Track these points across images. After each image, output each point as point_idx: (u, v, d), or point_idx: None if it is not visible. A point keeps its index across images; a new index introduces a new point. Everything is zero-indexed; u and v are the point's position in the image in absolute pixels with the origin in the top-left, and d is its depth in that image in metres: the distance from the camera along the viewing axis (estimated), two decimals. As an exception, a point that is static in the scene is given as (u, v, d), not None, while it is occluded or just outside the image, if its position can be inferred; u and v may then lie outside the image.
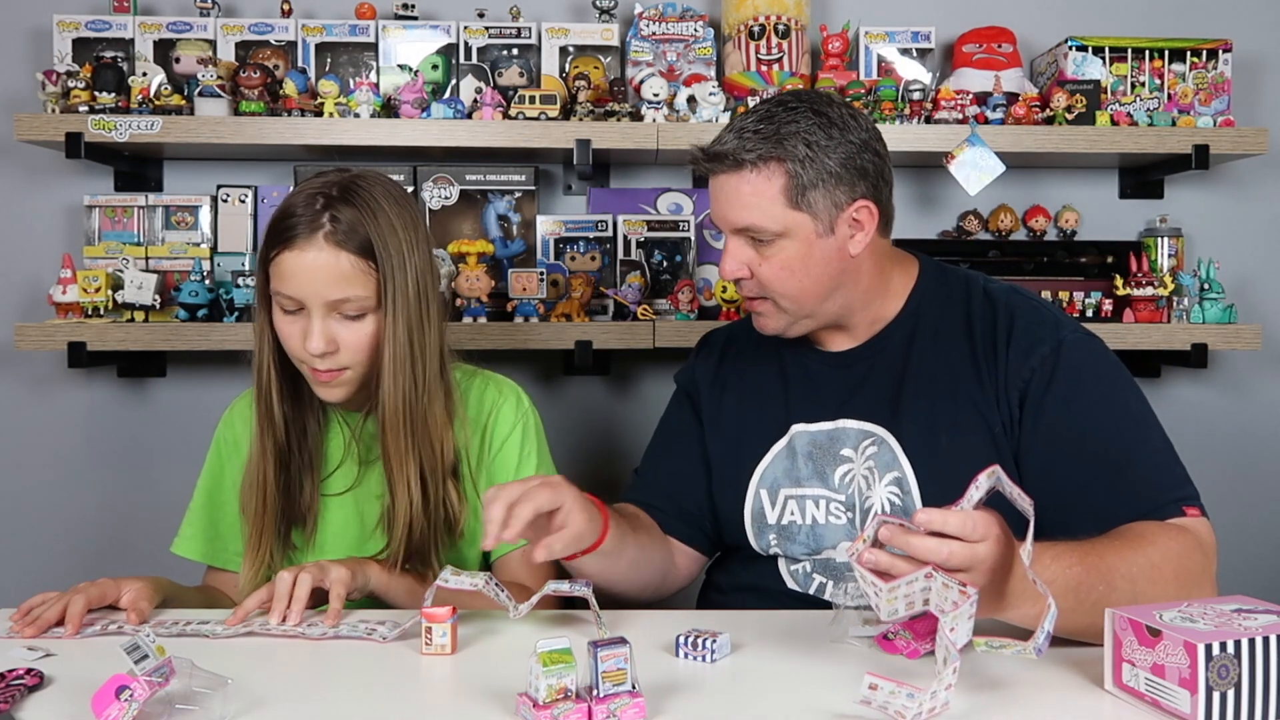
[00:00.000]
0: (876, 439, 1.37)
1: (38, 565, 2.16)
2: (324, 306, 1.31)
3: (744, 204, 1.32)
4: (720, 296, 2.04)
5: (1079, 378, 1.32)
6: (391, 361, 1.34)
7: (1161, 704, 0.96)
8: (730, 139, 1.33)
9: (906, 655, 1.10)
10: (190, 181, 2.16)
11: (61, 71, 1.94)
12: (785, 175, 1.31)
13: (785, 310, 1.37)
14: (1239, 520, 2.29)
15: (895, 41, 2.10)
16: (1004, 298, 1.40)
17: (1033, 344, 1.33)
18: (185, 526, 1.52)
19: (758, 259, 1.34)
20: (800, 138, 1.31)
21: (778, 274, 1.34)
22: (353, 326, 1.33)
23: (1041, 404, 1.31)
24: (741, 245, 1.35)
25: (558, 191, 2.22)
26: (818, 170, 1.31)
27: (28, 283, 2.14)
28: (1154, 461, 1.30)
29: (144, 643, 0.97)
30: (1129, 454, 1.29)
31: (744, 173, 1.32)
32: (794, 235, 1.33)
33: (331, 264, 1.29)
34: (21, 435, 2.18)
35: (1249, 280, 2.27)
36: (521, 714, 0.96)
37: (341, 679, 1.08)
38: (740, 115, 1.37)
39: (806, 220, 1.32)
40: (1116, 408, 1.32)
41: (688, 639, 1.13)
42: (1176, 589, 1.14)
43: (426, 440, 1.37)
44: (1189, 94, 2.08)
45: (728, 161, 1.32)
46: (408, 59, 2.06)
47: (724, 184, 1.34)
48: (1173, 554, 1.18)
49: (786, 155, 1.30)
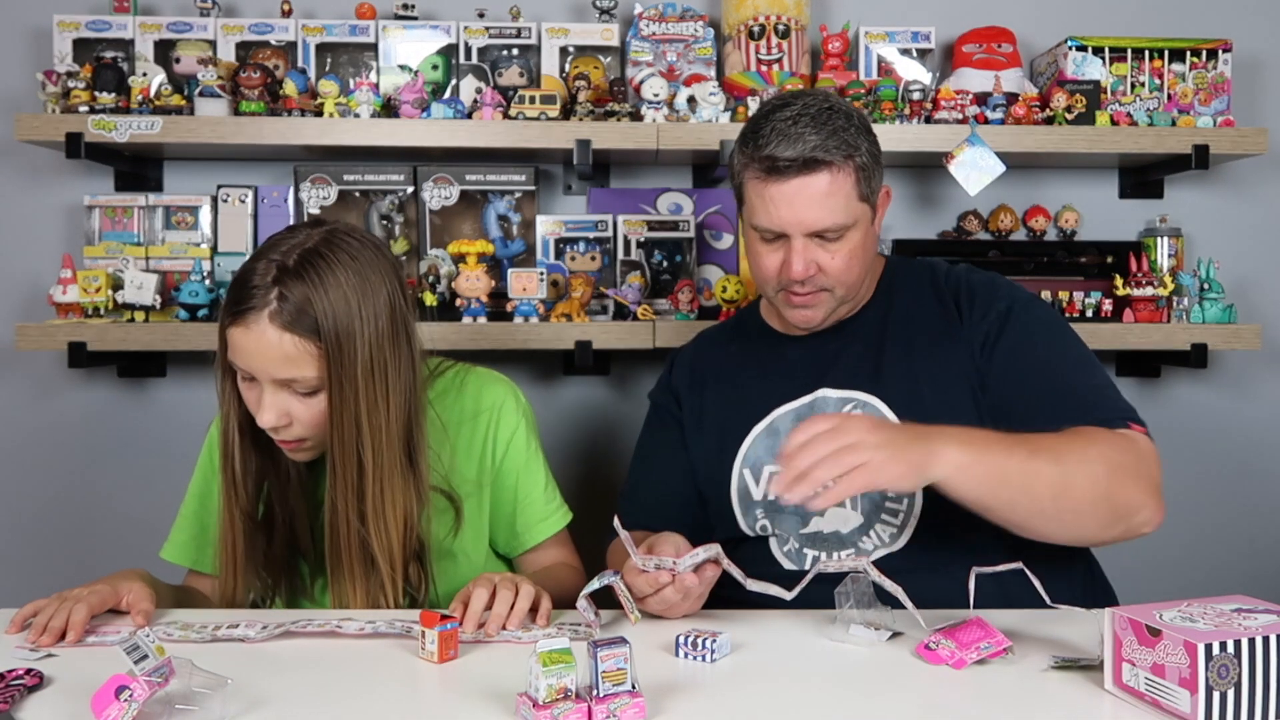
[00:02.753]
0: (859, 402, 1.43)
1: (38, 565, 2.16)
2: (274, 383, 1.28)
3: (827, 205, 1.38)
4: (720, 296, 2.04)
5: (1028, 327, 1.42)
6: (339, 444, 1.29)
7: (1161, 704, 0.96)
8: (804, 144, 1.36)
9: (952, 665, 1.09)
10: (190, 181, 2.16)
11: (61, 71, 1.94)
12: (856, 170, 1.39)
13: (837, 297, 1.44)
14: (1239, 520, 2.30)
15: (895, 41, 2.10)
16: (963, 273, 1.51)
17: (990, 303, 1.44)
18: (175, 532, 1.52)
19: (825, 255, 1.41)
20: (853, 133, 1.39)
21: (847, 265, 1.42)
22: (307, 402, 1.29)
23: (995, 350, 1.41)
24: (810, 245, 1.40)
25: (558, 191, 2.22)
26: (872, 162, 1.42)
27: (28, 283, 2.14)
28: (1099, 392, 1.38)
29: (144, 643, 0.97)
30: (1074, 384, 1.37)
31: (825, 173, 1.37)
32: (859, 225, 1.42)
33: (276, 345, 1.25)
34: (21, 435, 2.18)
35: (1249, 280, 2.27)
36: (521, 714, 0.96)
37: (341, 679, 1.08)
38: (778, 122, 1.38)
39: (868, 210, 1.43)
40: (1060, 349, 1.42)
41: (688, 639, 1.13)
42: (1106, 470, 1.22)
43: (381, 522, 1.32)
44: (1189, 94, 2.08)
45: (812, 165, 1.37)
46: (408, 59, 2.06)
47: (801, 188, 1.38)
48: (1101, 440, 1.26)
49: (854, 151, 1.39)
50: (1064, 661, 1.10)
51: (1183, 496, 2.29)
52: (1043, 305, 1.48)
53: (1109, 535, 1.27)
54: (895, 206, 2.23)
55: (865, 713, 1.00)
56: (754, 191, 1.41)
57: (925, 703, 1.03)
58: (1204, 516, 2.29)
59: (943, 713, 1.00)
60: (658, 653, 1.14)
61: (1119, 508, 1.24)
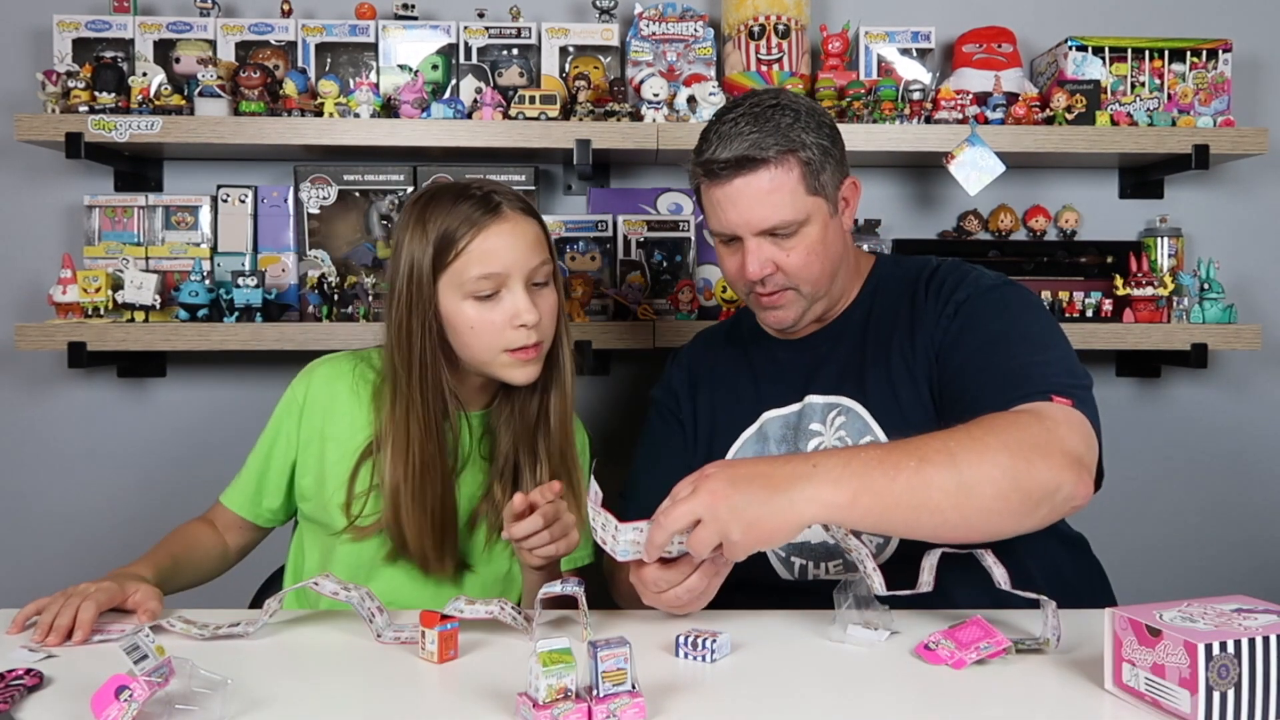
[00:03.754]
0: (842, 409, 1.42)
1: (38, 565, 2.16)
2: (525, 276, 1.37)
3: (770, 201, 1.37)
4: (720, 296, 2.04)
5: (979, 311, 1.37)
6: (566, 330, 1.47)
7: (1161, 704, 0.95)
8: (740, 143, 1.35)
9: (952, 665, 1.09)
10: (190, 181, 2.16)
11: (61, 71, 1.94)
12: (800, 164, 1.37)
13: (805, 296, 1.43)
14: (1239, 520, 2.30)
15: (895, 41, 2.10)
16: (944, 268, 1.46)
17: (950, 295, 1.40)
18: (240, 482, 1.53)
19: (781, 253, 1.39)
20: (798, 128, 1.37)
21: (805, 261, 1.40)
22: (545, 294, 1.40)
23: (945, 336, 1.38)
24: (763, 244, 1.39)
25: (558, 191, 2.22)
26: (821, 154, 1.39)
27: (28, 283, 2.14)
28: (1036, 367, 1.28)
29: (143, 643, 0.97)
30: (1012, 361, 1.30)
31: (764, 170, 1.36)
32: (813, 220, 1.39)
33: (529, 230, 1.39)
34: (21, 435, 2.18)
35: (1249, 280, 2.27)
36: (521, 714, 0.96)
37: (341, 679, 1.08)
38: (721, 125, 1.38)
39: (821, 204, 1.40)
40: (1008, 328, 1.35)
41: (688, 639, 1.13)
42: (1008, 457, 1.12)
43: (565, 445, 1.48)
44: (1189, 94, 2.08)
45: (748, 164, 1.35)
46: (408, 59, 2.06)
47: (743, 187, 1.37)
48: (1000, 426, 1.17)
49: (797, 145, 1.36)
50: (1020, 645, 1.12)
51: (1183, 496, 2.29)
52: (1010, 289, 1.41)
53: (1032, 522, 1.16)
54: (895, 206, 2.23)
55: (865, 713, 1.00)
56: (705, 196, 1.42)
57: (925, 703, 1.03)
58: (1204, 516, 2.29)
59: (942, 713, 1.00)
60: (658, 653, 1.14)
61: (1032, 492, 1.13)
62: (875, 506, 1.09)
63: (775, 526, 1.08)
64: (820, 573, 1.40)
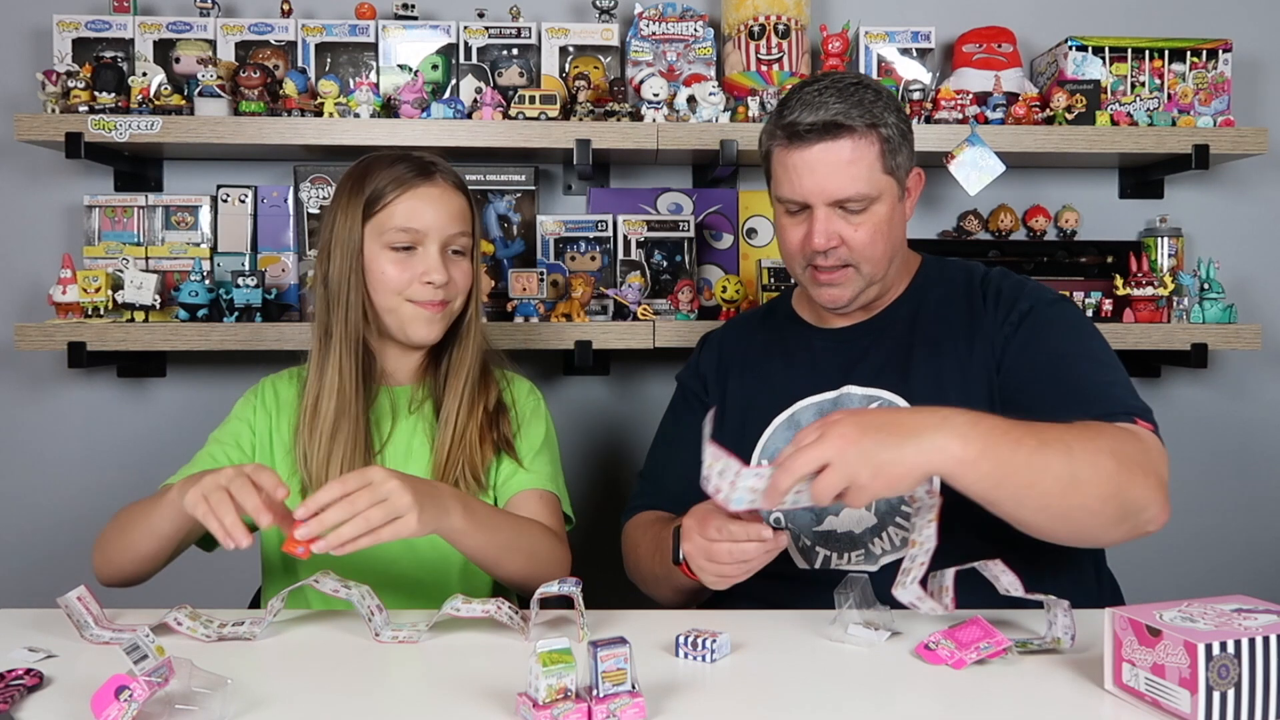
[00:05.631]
0: (883, 402, 1.41)
1: (38, 565, 2.16)
2: (441, 240, 1.44)
3: (849, 172, 1.38)
4: (720, 296, 2.04)
5: (1045, 324, 1.40)
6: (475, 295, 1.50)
7: (1161, 704, 0.95)
8: (826, 111, 1.36)
9: (952, 665, 1.09)
10: (190, 181, 2.16)
11: (61, 71, 1.94)
12: (880, 141, 1.39)
13: (863, 276, 1.43)
14: (1239, 520, 2.30)
15: (895, 41, 2.10)
16: (997, 276, 1.49)
17: (1013, 303, 1.42)
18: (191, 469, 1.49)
19: (849, 228, 1.41)
20: (880, 106, 1.39)
21: (871, 239, 1.41)
22: (459, 263, 1.47)
23: (1009, 346, 1.39)
24: (832, 216, 1.40)
25: (558, 191, 2.22)
26: (900, 136, 1.41)
27: (28, 283, 2.14)
28: (1109, 388, 1.33)
29: (144, 643, 0.97)
30: (1083, 379, 1.34)
31: (847, 140, 1.37)
32: (884, 199, 1.41)
33: (454, 201, 1.46)
34: (21, 435, 2.18)
35: (1249, 280, 2.27)
36: (521, 714, 0.96)
37: (341, 679, 1.08)
38: (804, 93, 1.40)
39: (893, 184, 1.42)
40: (1075, 346, 1.39)
41: (687, 639, 1.13)
42: (1116, 464, 1.15)
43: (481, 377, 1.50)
44: (1189, 94, 2.08)
45: (833, 130, 1.37)
46: (408, 59, 2.06)
47: (823, 154, 1.38)
48: (1108, 433, 1.20)
49: (879, 121, 1.39)
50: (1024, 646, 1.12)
51: (1183, 496, 2.28)
52: (1068, 306, 1.45)
53: (1115, 534, 1.20)
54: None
55: (865, 712, 1.00)
56: (778, 161, 1.42)
57: (925, 703, 1.03)
58: (1204, 516, 2.29)
59: (942, 713, 1.00)
60: (658, 653, 1.14)
61: (1127, 504, 1.17)
62: (994, 472, 1.10)
63: (903, 472, 1.09)
64: (843, 563, 1.40)
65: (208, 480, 1.16)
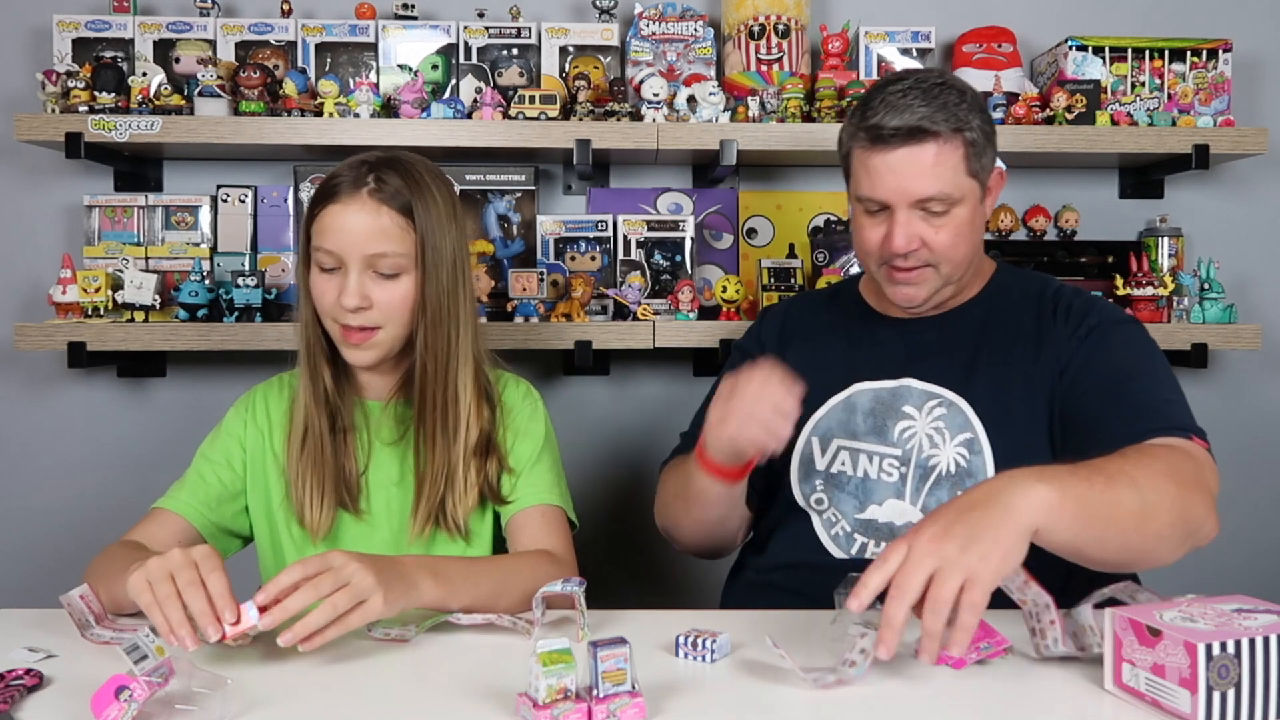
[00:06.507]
0: (944, 401, 1.42)
1: (38, 565, 2.16)
2: (361, 261, 1.34)
3: (933, 174, 1.37)
4: (720, 296, 2.04)
5: (1109, 340, 1.41)
6: (424, 322, 1.37)
7: (1161, 704, 0.95)
8: (911, 114, 1.36)
9: (952, 665, 1.09)
10: (190, 181, 2.16)
11: (61, 71, 1.94)
12: (965, 144, 1.38)
13: (941, 276, 1.43)
14: (1239, 520, 2.30)
15: (895, 41, 2.10)
16: (1069, 292, 1.49)
17: (1082, 317, 1.43)
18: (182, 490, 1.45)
19: (930, 229, 1.40)
20: (964, 107, 1.38)
21: (952, 241, 1.40)
22: (388, 286, 1.35)
23: (1074, 357, 1.40)
24: (913, 218, 1.40)
25: (558, 191, 2.22)
26: (984, 138, 1.41)
27: (28, 283, 2.14)
28: (1166, 404, 1.34)
29: (144, 643, 0.97)
30: (1142, 394, 1.34)
31: (932, 144, 1.37)
32: (966, 201, 1.40)
33: (372, 220, 1.33)
34: (21, 435, 2.18)
35: (1249, 280, 2.27)
36: (521, 714, 0.96)
37: (341, 679, 1.08)
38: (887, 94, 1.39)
39: (976, 187, 1.42)
40: (1136, 362, 1.39)
41: (687, 639, 1.13)
42: (1176, 487, 1.15)
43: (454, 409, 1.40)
44: (1189, 94, 2.08)
45: (918, 135, 1.36)
46: (408, 59, 2.06)
47: (907, 157, 1.37)
48: (1163, 455, 1.21)
49: (964, 125, 1.38)
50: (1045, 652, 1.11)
51: (1183, 496, 2.29)
52: (1137, 327, 1.45)
53: (1179, 554, 1.17)
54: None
55: (865, 713, 1.00)
56: (859, 162, 1.42)
57: (925, 703, 1.02)
58: (1204, 516, 2.28)
59: (943, 713, 1.00)
60: (658, 653, 1.14)
61: (1190, 524, 1.16)
62: (1079, 514, 1.05)
63: (1005, 534, 1.00)
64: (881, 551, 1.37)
65: (154, 566, 1.08)
